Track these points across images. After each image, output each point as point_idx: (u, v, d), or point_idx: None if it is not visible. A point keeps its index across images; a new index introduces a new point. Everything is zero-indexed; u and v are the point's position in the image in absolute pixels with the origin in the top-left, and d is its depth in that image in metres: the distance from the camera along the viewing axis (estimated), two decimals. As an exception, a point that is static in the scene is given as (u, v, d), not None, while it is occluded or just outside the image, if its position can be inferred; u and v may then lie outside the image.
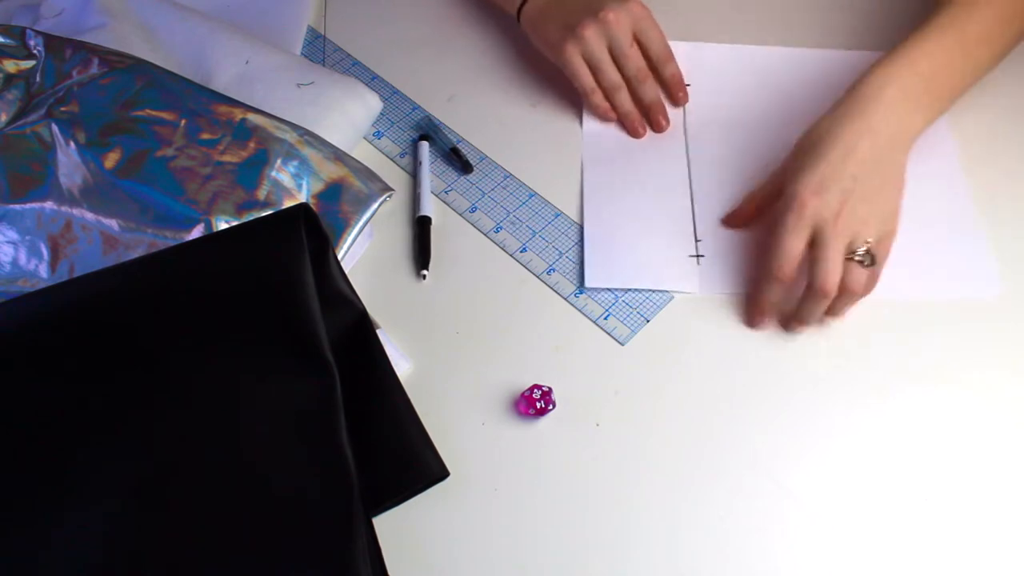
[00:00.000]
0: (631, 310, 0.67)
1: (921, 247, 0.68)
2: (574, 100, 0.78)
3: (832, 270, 0.61)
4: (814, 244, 0.62)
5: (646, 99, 0.76)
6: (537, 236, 0.71)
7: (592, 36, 0.73)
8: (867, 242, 0.62)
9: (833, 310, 0.64)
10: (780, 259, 0.62)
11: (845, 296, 0.63)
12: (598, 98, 0.75)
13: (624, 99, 0.76)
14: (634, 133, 0.76)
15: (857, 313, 0.65)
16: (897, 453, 0.61)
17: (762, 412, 0.62)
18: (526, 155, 0.76)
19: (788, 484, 0.60)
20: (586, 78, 0.75)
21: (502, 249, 0.70)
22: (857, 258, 0.62)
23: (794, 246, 0.62)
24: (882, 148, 0.63)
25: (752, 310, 0.66)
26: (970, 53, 0.68)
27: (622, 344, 0.66)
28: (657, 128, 0.76)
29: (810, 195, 0.61)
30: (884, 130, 0.63)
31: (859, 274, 0.62)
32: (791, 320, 0.65)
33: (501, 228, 0.72)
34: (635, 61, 0.75)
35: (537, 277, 0.69)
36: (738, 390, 0.63)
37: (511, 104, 0.79)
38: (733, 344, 0.65)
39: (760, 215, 0.69)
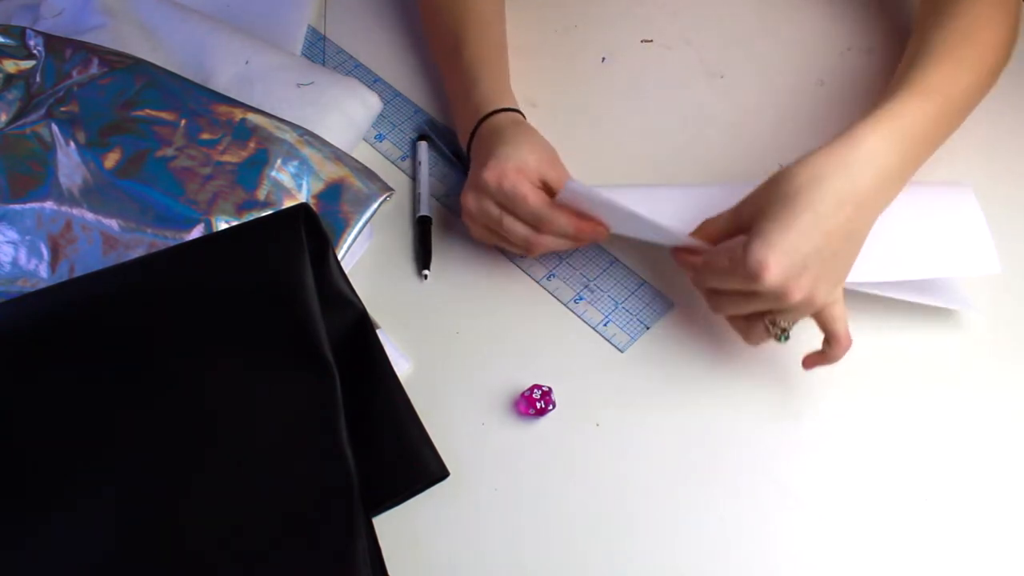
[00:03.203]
0: (631, 316, 0.67)
1: (919, 227, 0.64)
2: (573, 100, 0.78)
3: (735, 316, 0.61)
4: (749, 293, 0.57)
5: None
6: (537, 237, 0.71)
7: (472, 207, 0.65)
8: (790, 324, 0.59)
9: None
10: (715, 303, 0.60)
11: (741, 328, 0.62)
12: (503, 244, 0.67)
13: (540, 243, 0.64)
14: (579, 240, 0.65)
15: (857, 314, 0.65)
16: (897, 453, 0.61)
17: (762, 414, 0.62)
18: (526, 155, 0.75)
19: (788, 484, 0.60)
20: (478, 233, 0.67)
21: (502, 252, 0.70)
22: (774, 330, 0.59)
23: (734, 296, 0.59)
24: (860, 219, 0.56)
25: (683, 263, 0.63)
26: (953, 119, 0.63)
27: (622, 351, 0.65)
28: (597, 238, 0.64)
29: (773, 267, 0.54)
30: (869, 201, 0.56)
31: (763, 338, 0.60)
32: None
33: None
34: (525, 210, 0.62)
35: (537, 282, 0.69)
36: (738, 395, 0.63)
37: (511, 105, 0.79)
38: (734, 352, 0.65)
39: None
